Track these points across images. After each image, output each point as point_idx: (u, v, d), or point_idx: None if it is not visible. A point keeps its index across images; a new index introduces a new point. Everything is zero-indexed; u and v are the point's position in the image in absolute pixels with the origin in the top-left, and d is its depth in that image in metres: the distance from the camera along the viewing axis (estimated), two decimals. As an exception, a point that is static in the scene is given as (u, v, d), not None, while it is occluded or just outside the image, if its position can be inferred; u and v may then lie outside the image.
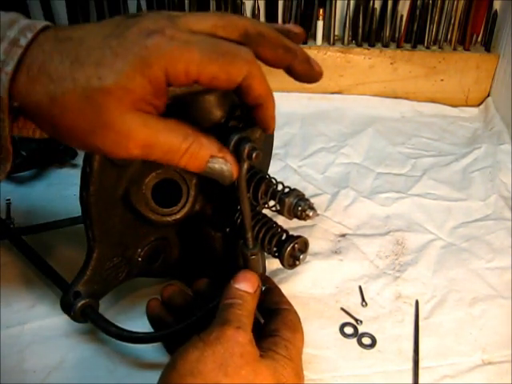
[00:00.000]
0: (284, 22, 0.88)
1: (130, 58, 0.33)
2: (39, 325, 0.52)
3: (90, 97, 0.33)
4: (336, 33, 0.88)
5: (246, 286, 0.44)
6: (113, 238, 0.48)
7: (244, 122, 0.43)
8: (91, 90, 0.33)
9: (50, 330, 0.51)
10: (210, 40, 0.35)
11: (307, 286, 0.57)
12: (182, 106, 0.41)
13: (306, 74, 0.41)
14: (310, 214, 0.43)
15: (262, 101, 0.38)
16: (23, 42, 0.34)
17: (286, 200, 0.43)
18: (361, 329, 0.52)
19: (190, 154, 0.37)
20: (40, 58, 0.34)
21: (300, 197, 0.44)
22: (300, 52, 0.40)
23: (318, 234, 0.63)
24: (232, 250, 0.49)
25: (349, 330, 0.52)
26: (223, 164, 0.38)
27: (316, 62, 0.41)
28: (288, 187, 0.45)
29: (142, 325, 0.51)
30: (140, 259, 0.50)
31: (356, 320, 0.53)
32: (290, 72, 0.40)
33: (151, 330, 0.49)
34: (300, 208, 0.43)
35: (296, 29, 0.42)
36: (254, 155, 0.40)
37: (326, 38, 0.88)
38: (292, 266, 0.47)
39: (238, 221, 0.48)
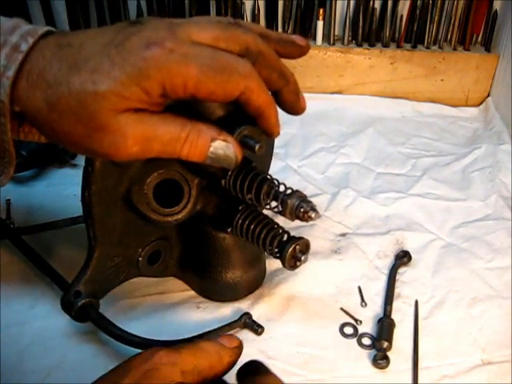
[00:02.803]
0: (284, 21, 0.88)
1: (128, 68, 0.33)
2: (39, 325, 0.52)
3: (83, 101, 0.34)
4: (336, 33, 0.88)
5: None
6: (114, 238, 0.48)
7: (246, 123, 0.43)
8: (85, 93, 0.33)
9: (49, 330, 0.51)
10: (209, 53, 0.35)
11: (307, 286, 0.57)
12: (184, 106, 0.41)
13: (291, 105, 0.41)
14: (312, 215, 0.43)
15: (262, 111, 0.38)
16: (24, 47, 0.34)
17: (289, 201, 0.43)
18: (360, 329, 0.52)
19: (191, 142, 0.36)
20: (40, 63, 0.34)
21: (302, 198, 0.44)
22: (293, 81, 0.41)
23: (317, 233, 0.63)
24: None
25: (348, 330, 0.52)
26: (226, 148, 0.38)
27: (303, 97, 0.42)
28: (290, 188, 0.45)
29: (141, 325, 0.51)
30: (141, 259, 0.50)
31: (356, 320, 0.53)
32: (276, 96, 0.40)
33: (150, 330, 0.49)
34: (302, 209, 0.43)
35: (301, 41, 0.42)
36: (257, 147, 0.40)
37: (326, 37, 0.88)
38: (293, 266, 0.47)
39: (240, 221, 0.48)
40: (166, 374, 0.33)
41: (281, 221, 0.48)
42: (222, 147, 0.38)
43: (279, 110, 0.41)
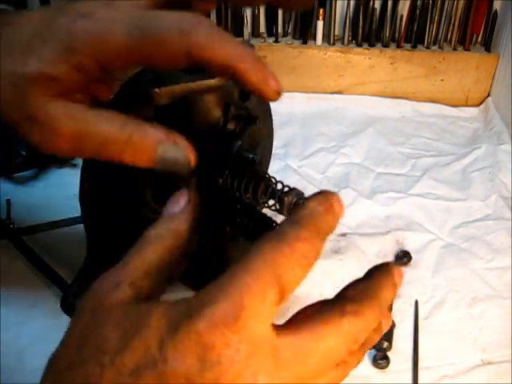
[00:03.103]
0: (284, 22, 0.88)
1: (55, 45, 0.31)
2: (39, 325, 0.52)
3: (16, 84, 0.31)
4: (336, 33, 0.88)
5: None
6: (113, 238, 0.48)
7: (241, 121, 0.43)
8: (17, 77, 0.31)
9: (50, 330, 0.51)
10: (140, 14, 0.31)
11: (307, 286, 0.56)
12: (180, 106, 0.41)
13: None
14: (310, 213, 0.43)
15: (232, 69, 0.31)
16: None
17: (286, 199, 0.43)
18: (360, 329, 0.52)
19: (134, 145, 0.32)
20: None
21: (300, 196, 0.44)
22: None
23: (317, 233, 0.63)
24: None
25: (348, 329, 0.52)
26: (176, 150, 0.33)
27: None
28: (288, 186, 0.45)
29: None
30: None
31: (356, 320, 0.53)
32: None
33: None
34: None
35: None
36: (256, 161, 0.42)
37: (326, 37, 0.88)
38: (292, 266, 0.47)
39: (238, 220, 0.48)
40: (111, 297, 0.27)
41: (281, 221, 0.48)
42: (172, 151, 0.33)
43: (278, 109, 0.41)
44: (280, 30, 0.88)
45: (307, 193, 0.46)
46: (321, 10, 0.85)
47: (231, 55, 0.31)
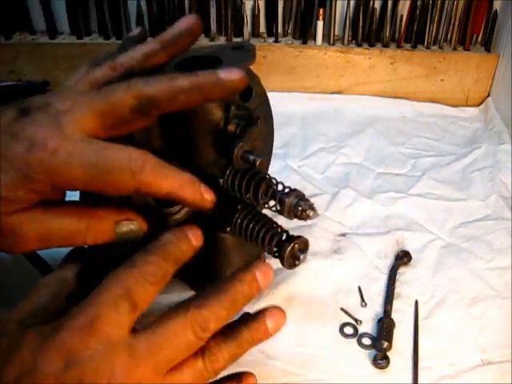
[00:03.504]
0: (284, 22, 0.88)
1: (12, 173, 0.34)
2: (39, 325, 0.52)
3: None
4: (336, 33, 0.88)
5: None
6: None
7: (242, 122, 0.43)
8: None
9: (50, 330, 0.51)
10: (95, 151, 0.34)
11: (307, 286, 0.57)
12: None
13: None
14: (311, 214, 0.43)
15: (173, 197, 0.37)
16: None
17: (287, 200, 0.43)
18: (360, 329, 0.52)
19: (94, 231, 0.38)
20: None
21: (300, 197, 0.44)
22: (208, 79, 0.36)
23: (317, 233, 0.63)
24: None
25: (348, 330, 0.52)
26: (130, 224, 0.39)
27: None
28: (288, 187, 0.45)
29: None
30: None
31: (356, 320, 0.53)
32: None
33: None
34: (300, 208, 0.43)
35: (187, 22, 0.38)
36: (258, 163, 0.42)
37: (326, 37, 0.88)
38: (292, 266, 0.47)
39: (238, 220, 0.48)
40: (1, 332, 0.34)
41: (281, 221, 0.48)
42: (126, 225, 0.39)
43: (278, 109, 0.41)
44: (280, 29, 0.88)
45: (307, 193, 0.46)
46: (321, 10, 0.85)
47: (172, 187, 0.36)
